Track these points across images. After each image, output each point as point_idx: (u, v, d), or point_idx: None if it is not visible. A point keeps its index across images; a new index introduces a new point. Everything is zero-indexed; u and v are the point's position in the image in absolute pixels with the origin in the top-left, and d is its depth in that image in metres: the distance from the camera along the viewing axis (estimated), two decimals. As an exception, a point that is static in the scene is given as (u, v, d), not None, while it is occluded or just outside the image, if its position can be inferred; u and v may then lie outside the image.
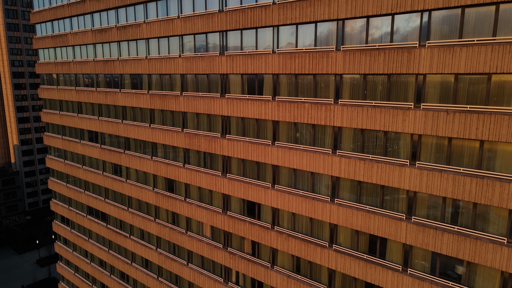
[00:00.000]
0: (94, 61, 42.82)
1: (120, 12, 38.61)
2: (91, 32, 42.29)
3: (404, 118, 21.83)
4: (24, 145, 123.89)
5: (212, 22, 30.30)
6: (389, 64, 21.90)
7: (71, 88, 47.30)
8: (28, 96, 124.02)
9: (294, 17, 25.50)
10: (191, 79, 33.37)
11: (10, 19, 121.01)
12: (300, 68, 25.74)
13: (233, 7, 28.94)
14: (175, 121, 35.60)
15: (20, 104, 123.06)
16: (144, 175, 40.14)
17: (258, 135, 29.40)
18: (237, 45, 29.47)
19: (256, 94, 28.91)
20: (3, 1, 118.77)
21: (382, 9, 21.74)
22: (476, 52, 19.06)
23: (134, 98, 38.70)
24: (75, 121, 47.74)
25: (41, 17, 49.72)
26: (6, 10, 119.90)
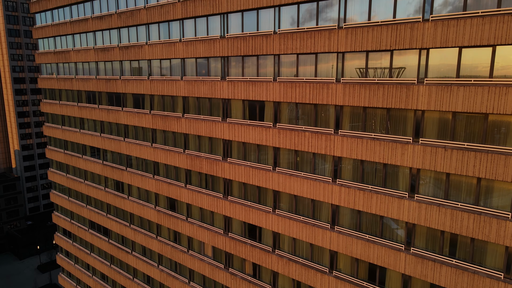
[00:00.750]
0: (96, 79, 43.21)
1: (123, 32, 38.99)
2: (93, 50, 42.68)
3: (403, 152, 22.22)
4: (25, 150, 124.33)
5: (214, 47, 30.69)
6: (388, 98, 22.30)
7: (73, 103, 47.70)
8: (29, 101, 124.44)
9: (294, 48, 25.89)
10: (192, 102, 33.77)
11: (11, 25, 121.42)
12: (300, 97, 26.14)
13: (234, 34, 29.33)
14: (176, 142, 36.00)
15: (21, 109, 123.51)
16: (146, 193, 40.54)
17: (259, 160, 29.80)
18: (239, 71, 29.86)
19: (257, 119, 29.31)
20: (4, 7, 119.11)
21: (381, 45, 22.14)
22: (473, 92, 19.45)
23: (136, 117, 39.09)
24: (77, 137, 48.13)
25: (44, 33, 50.09)
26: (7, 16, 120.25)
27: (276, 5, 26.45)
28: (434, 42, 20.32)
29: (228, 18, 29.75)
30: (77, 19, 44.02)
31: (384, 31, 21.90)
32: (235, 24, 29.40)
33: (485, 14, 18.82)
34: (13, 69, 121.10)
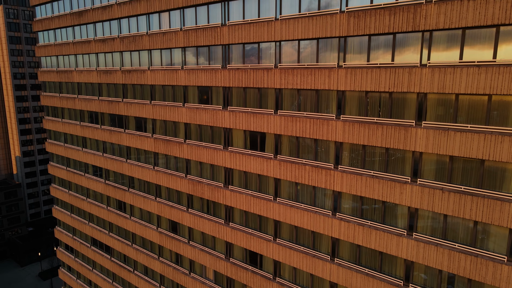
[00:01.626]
0: (98, 100, 43.68)
1: (125, 55, 39.44)
2: (96, 72, 43.15)
3: (402, 191, 22.67)
4: (26, 157, 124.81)
5: (216, 77, 31.15)
6: (387, 138, 22.74)
7: (76, 122, 48.16)
8: (30, 108, 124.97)
9: (295, 83, 26.35)
10: (194, 128, 34.22)
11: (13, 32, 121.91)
12: (301, 131, 26.59)
13: (236, 65, 29.79)
14: (178, 167, 36.46)
15: (22, 116, 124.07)
16: (148, 214, 41.00)
17: (260, 189, 30.26)
18: (240, 101, 30.30)
19: (259, 150, 29.76)
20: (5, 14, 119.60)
21: (379, 87, 22.59)
22: (469, 138, 19.91)
23: (138, 140, 39.55)
24: (79, 155, 48.60)
25: (46, 51, 50.55)
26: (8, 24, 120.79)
27: (277, 40, 26.89)
28: (431, 87, 20.78)
29: (230, 49, 30.20)
30: (80, 40, 44.48)
31: (383, 73, 22.35)
32: (237, 55, 29.84)
33: (481, 64, 19.28)
34: (14, 76, 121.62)
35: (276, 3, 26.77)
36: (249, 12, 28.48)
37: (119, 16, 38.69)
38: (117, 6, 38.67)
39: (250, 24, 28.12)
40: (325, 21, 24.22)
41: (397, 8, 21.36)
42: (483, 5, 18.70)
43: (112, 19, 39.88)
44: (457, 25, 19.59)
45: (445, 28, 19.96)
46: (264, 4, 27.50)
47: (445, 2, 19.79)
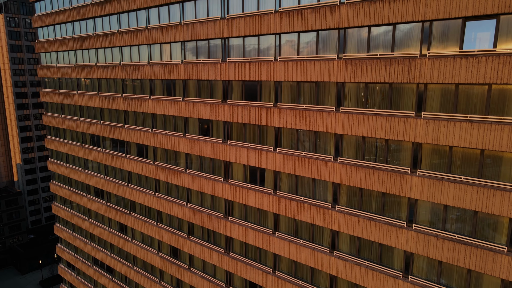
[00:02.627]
0: (100, 124, 44.26)
1: (127, 82, 40.03)
2: (98, 97, 43.74)
3: (398, 235, 23.27)
4: (27, 164, 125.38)
5: (216, 112, 31.75)
6: (383, 183, 23.33)
7: (78, 144, 48.75)
8: (31, 115, 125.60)
9: (294, 123, 26.93)
10: (195, 159, 34.81)
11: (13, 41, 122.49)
12: (299, 170, 27.18)
13: (236, 101, 30.38)
14: (179, 194, 37.05)
15: (23, 124, 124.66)
16: (149, 238, 41.60)
17: (260, 222, 30.85)
18: (240, 136, 30.89)
19: (258, 184, 30.35)
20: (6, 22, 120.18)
21: (376, 133, 23.19)
22: (463, 189, 20.50)
23: (140, 166, 40.14)
24: (81, 176, 49.19)
25: (49, 73, 51.14)
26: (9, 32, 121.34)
27: (277, 80, 27.49)
28: (426, 138, 21.37)
29: (230, 85, 30.79)
30: (82, 65, 45.07)
31: (379, 120, 22.95)
32: (237, 92, 30.43)
33: (474, 119, 19.88)
34: (15, 84, 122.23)
35: (276, 46, 27.36)
36: (249, 52, 29.07)
37: (121, 45, 39.28)
38: (119, 35, 39.26)
39: (251, 63, 28.70)
40: (323, 66, 24.81)
41: (393, 59, 21.95)
42: (475, 64, 19.29)
43: (114, 47, 40.48)
44: (450, 81, 20.18)
45: (439, 82, 20.56)
46: (264, 47, 28.08)
47: (438, 58, 20.38)
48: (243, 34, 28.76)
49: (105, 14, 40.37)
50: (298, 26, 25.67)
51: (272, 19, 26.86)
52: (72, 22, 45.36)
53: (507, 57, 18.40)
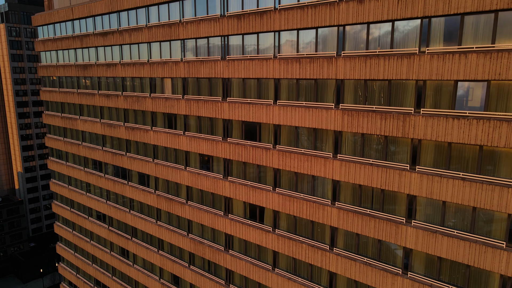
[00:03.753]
0: (102, 150, 44.94)
1: (129, 112, 40.70)
2: (100, 124, 44.41)
3: (393, 281, 23.95)
4: (28, 172, 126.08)
5: (216, 148, 32.44)
6: (379, 231, 24.02)
7: (80, 167, 49.43)
8: (32, 124, 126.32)
9: (292, 166, 27.62)
10: (196, 192, 35.49)
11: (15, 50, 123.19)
12: (298, 211, 27.88)
13: (235, 140, 31.09)
14: (180, 224, 37.72)
15: (24, 132, 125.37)
16: (150, 264, 42.28)
17: (259, 258, 31.54)
18: (240, 173, 31.57)
19: (258, 221, 31.04)
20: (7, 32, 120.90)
21: (372, 183, 23.86)
22: (456, 243, 21.19)
23: (141, 194, 40.83)
24: (83, 199, 49.87)
25: (51, 96, 51.81)
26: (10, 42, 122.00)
27: (276, 123, 28.18)
28: (420, 191, 22.06)
29: (231, 124, 31.46)
30: (84, 91, 45.75)
31: (375, 171, 23.64)
32: (237, 131, 31.11)
33: (466, 177, 20.57)
34: (16, 93, 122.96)
35: (275, 90, 28.04)
36: (249, 93, 29.75)
37: (123, 75, 39.96)
38: (121, 66, 39.94)
39: (250, 105, 29.39)
40: (321, 114, 25.50)
41: (388, 114, 22.63)
42: (467, 126, 19.97)
43: (116, 77, 41.15)
44: (443, 139, 20.86)
45: (432, 139, 21.24)
46: (263, 90, 28.77)
47: (431, 116, 21.06)
48: (243, 76, 29.44)
49: (107, 44, 41.06)
50: (296, 74, 26.35)
51: (272, 65, 27.55)
52: (75, 49, 46.04)
53: (497, 122, 19.09)
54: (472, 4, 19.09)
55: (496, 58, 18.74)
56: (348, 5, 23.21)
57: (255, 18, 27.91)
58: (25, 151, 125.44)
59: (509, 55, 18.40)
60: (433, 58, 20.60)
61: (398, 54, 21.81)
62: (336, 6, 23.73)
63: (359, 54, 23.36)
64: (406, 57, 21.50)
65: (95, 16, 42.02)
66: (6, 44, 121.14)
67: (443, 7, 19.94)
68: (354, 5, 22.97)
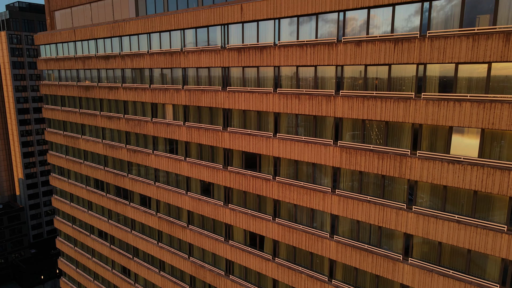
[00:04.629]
0: (104, 170, 45.48)
1: (131, 135, 41.23)
2: (102, 144, 44.96)
3: None
4: (28, 179, 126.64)
5: (217, 177, 32.97)
6: (376, 267, 24.57)
7: (82, 185, 49.96)
8: (32, 130, 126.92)
9: (291, 198, 28.17)
10: (197, 217, 36.04)
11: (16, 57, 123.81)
12: (297, 242, 28.41)
13: (236, 169, 31.62)
14: (182, 247, 38.26)
15: (25, 139, 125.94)
16: (152, 285, 42.81)
17: (259, 284, 32.07)
18: (241, 201, 32.12)
19: (257, 248, 31.58)
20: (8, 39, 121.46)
21: (369, 219, 24.40)
22: (451, 283, 21.74)
23: (143, 216, 41.36)
24: (85, 216, 50.40)
25: (53, 114, 52.35)
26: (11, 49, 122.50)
27: (275, 156, 28.71)
28: (416, 231, 22.61)
29: (231, 153, 32.01)
30: (86, 112, 46.28)
31: (372, 208, 24.18)
32: (237, 160, 31.66)
33: (461, 220, 21.11)
34: (17, 100, 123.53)
35: (275, 123, 28.58)
36: (249, 124, 30.28)
37: (124, 99, 40.50)
38: (122, 90, 40.47)
39: (250, 136, 29.93)
40: (320, 150, 26.04)
41: (385, 154, 23.17)
42: (461, 171, 20.52)
43: (118, 100, 41.70)
44: (438, 182, 21.41)
45: (428, 181, 21.78)
46: (263, 123, 29.33)
47: (427, 159, 21.61)
48: (243, 108, 29.98)
49: (109, 68, 41.60)
50: (296, 109, 26.89)
51: (271, 99, 28.09)
52: (77, 70, 46.58)
53: (491, 169, 19.63)
54: (466, 55, 19.63)
55: (489, 108, 19.29)
56: (346, 47, 23.76)
57: (255, 52, 28.45)
58: (26, 158, 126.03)
59: (502, 106, 18.94)
60: (428, 104, 21.15)
61: (395, 97, 22.36)
62: (334, 47, 24.28)
63: (357, 94, 23.92)
64: (403, 100, 22.04)
65: (97, 39, 42.57)
66: (7, 52, 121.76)
67: (438, 56, 20.48)
68: (352, 47, 23.52)
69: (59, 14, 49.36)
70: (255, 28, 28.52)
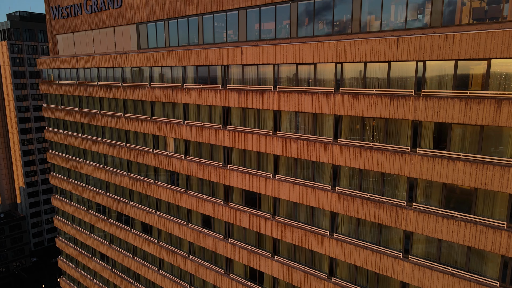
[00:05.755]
0: (106, 195, 46.09)
1: (133, 164, 41.85)
2: (104, 170, 45.56)
3: None
4: (30, 187, 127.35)
5: (217, 211, 33.59)
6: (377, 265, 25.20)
7: (84, 208, 50.57)
8: (34, 139, 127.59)
9: (291, 238, 28.78)
10: (198, 248, 36.64)
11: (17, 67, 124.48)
12: (296, 281, 29.01)
13: (236, 205, 32.23)
14: (183, 276, 38.88)
15: (26, 148, 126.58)
16: (153, 310, 43.48)
17: (259, 318, 32.76)
18: (241, 236, 32.73)
19: (257, 284, 32.19)
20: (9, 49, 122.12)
21: (367, 265, 25.01)
22: None
23: (144, 243, 41.97)
24: (86, 239, 51.02)
25: (56, 137, 52.95)
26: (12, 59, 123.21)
27: (275, 197, 29.32)
28: (412, 280, 23.23)
29: (232, 189, 32.62)
30: (88, 137, 46.88)
31: (369, 254, 24.79)
32: (237, 196, 32.27)
33: (455, 273, 21.73)
34: (18, 109, 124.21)
35: (274, 165, 29.19)
36: (249, 162, 30.90)
37: (126, 128, 41.10)
38: (124, 120, 41.08)
39: (250, 175, 30.54)
40: (318, 195, 26.65)
41: (382, 204, 23.79)
42: (455, 226, 21.13)
43: (120, 129, 42.29)
44: (433, 235, 22.01)
45: (423, 233, 22.40)
46: (263, 165, 29.94)
47: (422, 212, 22.22)
48: (243, 147, 30.59)
49: (111, 97, 42.20)
50: (294, 153, 27.49)
51: (271, 142, 28.69)
52: (79, 96, 47.18)
53: (483, 227, 20.24)
54: (459, 116, 20.25)
55: (482, 169, 19.90)
56: (343, 98, 24.38)
57: (255, 95, 29.06)
58: (27, 166, 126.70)
59: (493, 167, 19.55)
60: (423, 159, 21.76)
61: (391, 150, 22.97)
62: (332, 97, 24.89)
63: (355, 144, 24.52)
64: (398, 154, 22.65)
65: (99, 68, 43.18)
66: (8, 61, 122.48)
67: (432, 115, 21.09)
68: (349, 98, 24.13)
69: (61, 38, 49.96)
70: (255, 71, 29.13)
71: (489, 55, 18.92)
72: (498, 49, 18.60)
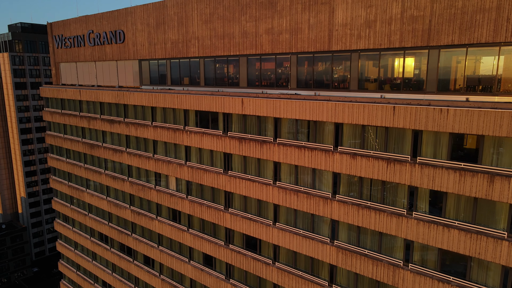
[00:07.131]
0: (108, 225, 46.74)
1: (135, 198, 42.49)
2: (106, 201, 46.21)
3: None
4: (31, 198, 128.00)
5: (218, 252, 34.20)
6: None
7: (87, 236, 51.21)
8: (35, 150, 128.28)
9: (290, 286, 29.41)
10: (200, 286, 37.27)
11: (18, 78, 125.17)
12: None
13: (237, 248, 32.87)
14: (184, 311, 39.58)
15: (28, 158, 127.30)
16: None
17: None
18: (242, 278, 33.36)
19: (258, 325, 32.89)
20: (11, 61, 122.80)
21: (365, 320, 25.65)
22: None
23: (147, 276, 42.61)
24: (89, 266, 51.67)
25: (58, 164, 53.61)
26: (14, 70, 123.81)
27: (275, 243, 29.96)
28: None
29: (232, 232, 33.26)
30: (91, 168, 47.51)
31: (367, 309, 25.43)
32: (238, 239, 32.91)
33: (450, 335, 22.37)
34: (20, 120, 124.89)
35: (274, 214, 29.82)
36: (250, 208, 31.54)
37: (128, 163, 41.75)
38: (127, 154, 41.73)
39: (251, 221, 31.17)
40: (317, 247, 27.28)
41: (379, 261, 24.42)
42: (451, 291, 21.77)
43: (122, 162, 42.94)
44: (429, 297, 22.65)
45: (420, 294, 23.04)
46: (263, 211, 30.59)
47: (419, 274, 22.84)
48: (244, 193, 31.22)
49: (114, 131, 42.84)
50: (294, 205, 28.13)
51: (271, 191, 29.34)
52: (82, 127, 47.81)
53: (477, 294, 20.88)
54: (453, 187, 20.88)
55: (476, 239, 20.54)
56: (342, 157, 25.01)
57: (255, 145, 29.70)
58: (28, 177, 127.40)
59: (487, 239, 20.18)
60: (419, 224, 22.39)
61: (388, 211, 23.60)
62: (331, 155, 25.53)
63: (353, 201, 25.15)
64: (396, 216, 23.29)
65: (102, 102, 43.81)
66: (10, 73, 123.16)
67: (427, 182, 21.73)
68: (347, 158, 24.77)
69: (64, 66, 50.57)
70: (255, 121, 29.75)
71: (481, 132, 19.56)
72: (491, 127, 19.23)
